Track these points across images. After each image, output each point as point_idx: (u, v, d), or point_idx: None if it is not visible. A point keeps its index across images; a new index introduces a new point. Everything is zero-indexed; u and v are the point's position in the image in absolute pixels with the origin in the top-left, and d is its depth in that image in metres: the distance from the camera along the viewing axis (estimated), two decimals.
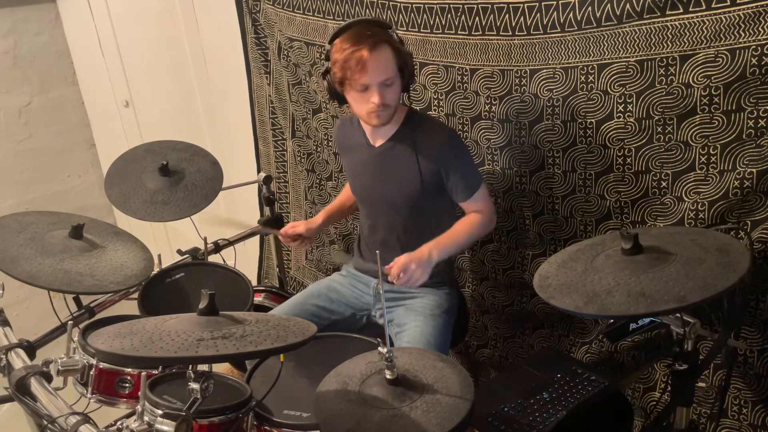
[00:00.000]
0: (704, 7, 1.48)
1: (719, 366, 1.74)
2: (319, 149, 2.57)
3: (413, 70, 1.77)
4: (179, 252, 2.22)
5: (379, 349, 1.26)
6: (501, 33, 1.82)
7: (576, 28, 1.68)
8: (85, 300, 1.95)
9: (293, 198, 2.85)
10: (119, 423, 1.29)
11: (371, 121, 1.75)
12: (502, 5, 1.79)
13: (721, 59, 1.50)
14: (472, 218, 1.82)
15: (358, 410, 1.21)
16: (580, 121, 1.78)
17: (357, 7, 2.12)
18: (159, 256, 2.10)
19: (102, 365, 1.56)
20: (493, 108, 1.94)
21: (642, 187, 1.74)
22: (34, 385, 1.42)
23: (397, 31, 1.91)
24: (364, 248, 2.02)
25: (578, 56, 1.71)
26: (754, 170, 1.55)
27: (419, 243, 1.82)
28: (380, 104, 1.68)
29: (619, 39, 1.62)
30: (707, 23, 1.49)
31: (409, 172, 1.78)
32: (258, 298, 2.34)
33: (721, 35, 1.48)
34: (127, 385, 1.57)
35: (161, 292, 1.99)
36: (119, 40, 3.37)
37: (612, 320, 1.54)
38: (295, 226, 2.11)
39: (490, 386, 1.69)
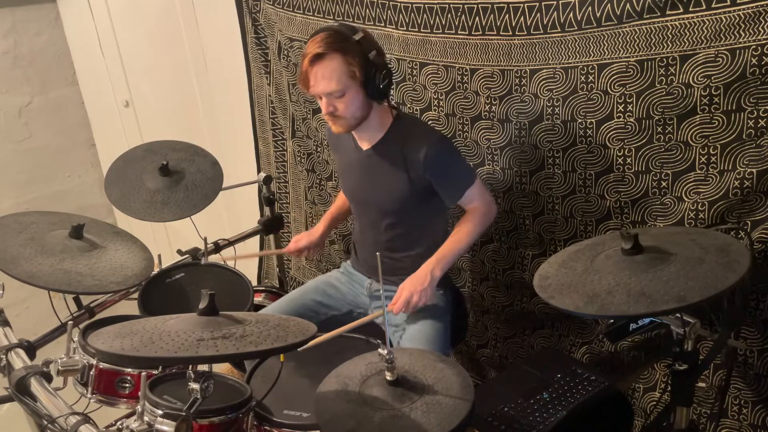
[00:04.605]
0: (704, 7, 1.48)
1: (719, 366, 1.74)
2: (319, 149, 2.57)
3: (381, 75, 1.65)
4: (179, 252, 2.22)
5: (380, 350, 1.26)
6: (501, 33, 1.82)
7: (576, 28, 1.68)
8: (85, 300, 1.95)
9: (293, 198, 2.85)
10: (119, 423, 1.29)
11: (331, 128, 1.76)
12: (502, 5, 1.79)
13: (721, 59, 1.49)
14: (467, 222, 1.81)
15: (359, 411, 1.21)
16: (580, 121, 1.78)
17: (357, 7, 2.12)
18: (159, 256, 2.10)
19: (102, 365, 1.56)
20: (493, 108, 1.94)
21: (642, 187, 1.74)
22: (34, 385, 1.42)
23: (397, 31, 1.90)
24: (358, 248, 2.02)
25: (578, 56, 1.71)
26: (754, 170, 1.54)
27: (408, 245, 1.82)
28: (326, 114, 1.69)
29: (619, 39, 1.62)
30: (707, 23, 1.49)
31: (398, 177, 1.77)
32: (258, 298, 2.34)
33: (721, 35, 1.48)
34: (127, 385, 1.57)
35: (161, 292, 1.99)
36: (119, 40, 3.37)
37: (612, 320, 1.54)
38: (298, 241, 2.11)
39: (490, 386, 1.69)
